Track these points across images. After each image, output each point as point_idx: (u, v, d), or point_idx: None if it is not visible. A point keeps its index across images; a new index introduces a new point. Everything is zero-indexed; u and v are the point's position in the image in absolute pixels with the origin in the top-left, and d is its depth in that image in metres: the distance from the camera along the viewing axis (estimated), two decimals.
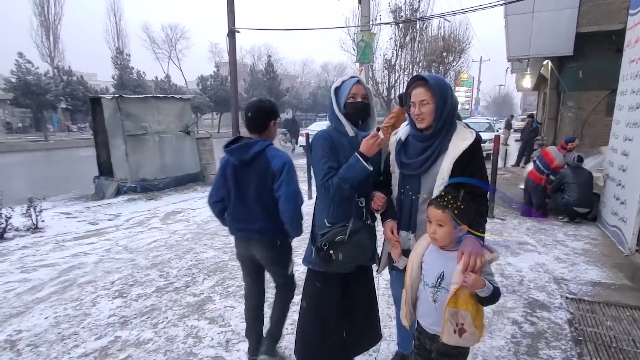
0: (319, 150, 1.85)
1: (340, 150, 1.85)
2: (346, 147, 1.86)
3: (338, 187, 1.77)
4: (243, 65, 41.95)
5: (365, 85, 1.90)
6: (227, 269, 3.81)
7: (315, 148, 1.88)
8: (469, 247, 1.52)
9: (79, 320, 2.88)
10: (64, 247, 4.56)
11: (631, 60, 4.44)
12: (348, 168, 1.77)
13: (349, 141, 1.88)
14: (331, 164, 1.81)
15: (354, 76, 1.90)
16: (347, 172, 1.76)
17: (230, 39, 7.62)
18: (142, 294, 3.29)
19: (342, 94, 1.86)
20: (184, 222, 5.60)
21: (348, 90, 1.84)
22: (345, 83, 1.88)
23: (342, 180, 1.76)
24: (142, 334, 2.69)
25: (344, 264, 1.83)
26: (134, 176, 7.29)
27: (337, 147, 1.85)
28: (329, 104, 1.91)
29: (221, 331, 2.71)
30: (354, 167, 1.75)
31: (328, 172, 1.80)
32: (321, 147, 1.84)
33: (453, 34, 17.28)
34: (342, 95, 1.86)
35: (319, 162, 1.83)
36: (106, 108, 7.26)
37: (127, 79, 29.51)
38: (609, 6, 8.55)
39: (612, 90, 8.94)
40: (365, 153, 1.75)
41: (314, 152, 1.88)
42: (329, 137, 1.87)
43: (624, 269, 3.68)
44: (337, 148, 1.85)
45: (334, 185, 1.77)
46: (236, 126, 8.03)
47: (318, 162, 1.84)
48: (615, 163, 4.66)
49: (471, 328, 1.54)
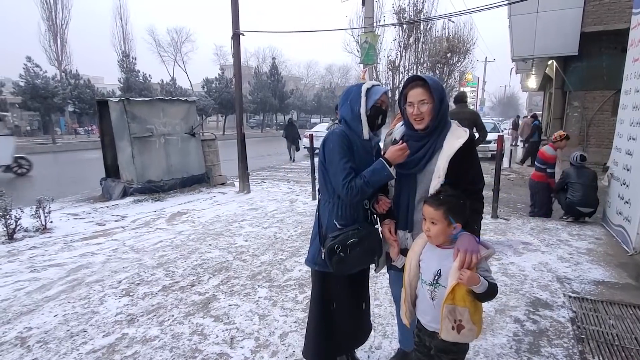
0: (338, 149, 1.80)
1: (355, 151, 1.84)
2: (360, 149, 1.86)
3: (361, 190, 1.75)
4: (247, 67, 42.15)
5: (389, 94, 1.95)
6: (232, 268, 3.86)
7: (333, 146, 1.82)
8: (465, 244, 1.54)
9: (87, 318, 2.94)
10: (72, 247, 4.64)
11: (635, 60, 4.43)
12: (374, 172, 1.76)
13: (362, 144, 1.87)
14: (351, 163, 1.80)
15: (385, 87, 1.96)
16: (373, 176, 1.76)
17: (235, 42, 7.68)
18: (149, 293, 3.34)
19: (372, 97, 1.85)
20: (189, 222, 5.66)
21: (379, 95, 1.84)
22: (376, 87, 1.87)
23: (367, 184, 1.75)
24: (149, 331, 2.73)
25: (353, 267, 1.86)
26: (140, 178, 7.36)
27: (353, 148, 1.84)
28: (349, 102, 1.87)
29: (226, 329, 2.75)
30: (381, 172, 1.75)
31: (350, 172, 1.77)
32: (340, 146, 1.80)
33: (457, 34, 17.26)
34: (372, 97, 1.85)
35: (340, 161, 1.78)
36: (113, 110, 7.35)
37: (133, 82, 29.77)
38: (614, 5, 8.52)
39: (617, 89, 8.90)
40: (390, 160, 1.75)
41: (332, 150, 1.82)
42: (345, 137, 1.84)
43: (628, 268, 3.67)
44: (353, 148, 1.84)
45: (358, 187, 1.75)
46: (241, 128, 8.07)
47: (339, 161, 1.79)
48: (619, 162, 4.64)
49: (469, 324, 1.55)
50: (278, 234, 4.99)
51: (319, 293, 2.00)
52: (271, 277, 3.63)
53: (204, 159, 8.56)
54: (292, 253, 4.26)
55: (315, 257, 1.95)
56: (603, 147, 9.16)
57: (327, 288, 1.97)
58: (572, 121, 10.04)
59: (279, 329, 2.73)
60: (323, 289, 1.99)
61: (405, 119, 1.85)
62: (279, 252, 4.29)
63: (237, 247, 4.50)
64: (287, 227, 5.26)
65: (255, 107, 37.03)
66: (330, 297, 1.98)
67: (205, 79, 33.13)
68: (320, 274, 1.97)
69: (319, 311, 2.01)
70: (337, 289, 1.95)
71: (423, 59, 16.24)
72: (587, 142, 9.63)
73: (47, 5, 30.38)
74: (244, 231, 5.13)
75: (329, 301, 1.98)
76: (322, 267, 1.92)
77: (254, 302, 3.15)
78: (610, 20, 8.63)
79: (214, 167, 8.82)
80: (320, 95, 47.74)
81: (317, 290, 2.02)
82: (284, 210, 6.26)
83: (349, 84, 3.38)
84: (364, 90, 1.85)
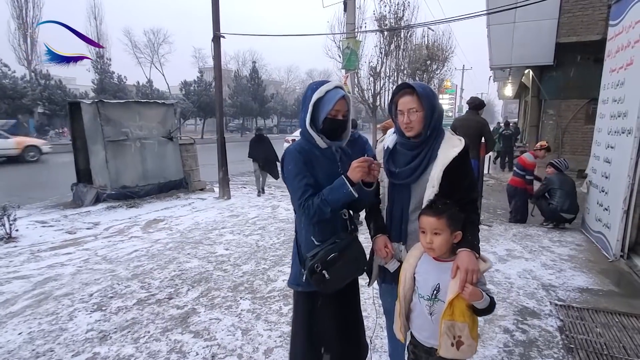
0: (292, 167, 1.69)
1: (315, 164, 1.72)
2: (320, 159, 1.73)
3: (319, 209, 1.62)
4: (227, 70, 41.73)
5: (348, 98, 1.74)
6: (212, 279, 3.69)
7: (287, 163, 1.72)
8: (465, 262, 1.48)
9: (55, 336, 2.72)
10: (39, 257, 4.35)
11: (612, 70, 4.55)
12: (332, 190, 1.62)
13: (322, 153, 1.74)
14: (307, 180, 1.67)
15: (339, 86, 1.73)
16: (331, 194, 1.62)
17: (215, 44, 7.52)
18: (122, 307, 3.14)
19: (324, 107, 1.68)
20: (167, 230, 5.43)
21: (332, 105, 1.65)
22: (329, 94, 1.68)
23: (324, 202, 1.61)
24: (122, 350, 2.55)
25: (340, 282, 1.73)
26: (114, 183, 7.07)
27: (311, 160, 1.71)
28: (302, 110, 1.73)
29: (206, 345, 2.59)
30: (339, 190, 1.60)
31: (306, 190, 1.65)
32: (294, 163, 1.69)
33: (437, 42, 17.59)
34: (324, 108, 1.68)
35: (294, 180, 1.67)
36: (85, 113, 7.04)
37: (107, 83, 28.93)
38: (587, 17, 8.83)
39: (590, 99, 9.24)
40: (352, 178, 1.59)
41: (286, 170, 1.72)
42: (302, 150, 1.71)
43: (610, 274, 3.72)
44: (311, 161, 1.71)
45: (314, 207, 1.62)
46: (221, 132, 7.88)
47: (293, 179, 1.68)
48: (598, 170, 4.74)
49: (468, 340, 1.51)
50: (260, 241, 4.84)
51: (306, 316, 1.86)
52: (254, 288, 3.48)
53: (182, 163, 8.32)
54: (275, 262, 4.12)
55: (297, 278, 1.81)
56: (577, 154, 9.45)
57: (312, 309, 1.83)
58: (547, 129, 10.33)
59: (263, 345, 2.60)
60: (307, 310, 1.84)
61: (397, 126, 1.77)
62: (262, 261, 4.14)
63: (218, 256, 4.33)
64: (269, 235, 5.12)
65: (235, 110, 36.63)
66: (316, 319, 1.84)
67: (184, 82, 32.55)
68: (305, 295, 1.83)
69: (304, 333, 1.87)
70: (323, 309, 1.82)
71: (403, 65, 16.44)
72: (561, 149, 9.91)
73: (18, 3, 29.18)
74: (224, 239, 4.96)
75: (314, 324, 1.84)
76: (305, 287, 1.78)
77: (236, 315, 3.00)
78: (583, 31, 8.94)
79: (193, 172, 8.59)
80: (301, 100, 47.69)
81: (301, 312, 1.87)
82: (265, 217, 6.11)
83: None
84: (313, 101, 1.67)
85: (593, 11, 8.75)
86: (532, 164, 5.58)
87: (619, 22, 4.40)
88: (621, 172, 3.94)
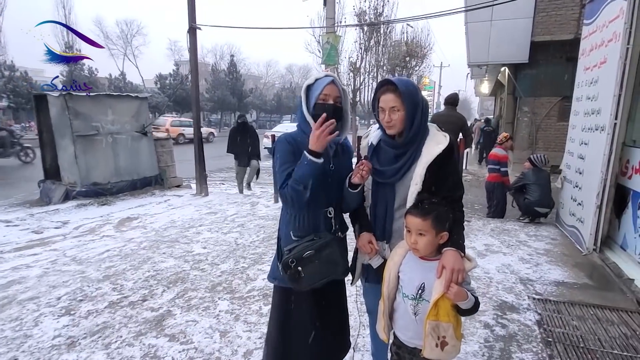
0: (279, 155, 1.70)
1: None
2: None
3: (292, 190, 1.59)
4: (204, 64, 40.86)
5: (340, 86, 1.73)
6: (189, 279, 3.56)
7: (276, 154, 1.71)
8: (450, 262, 1.46)
9: (19, 343, 2.55)
10: (3, 259, 4.10)
11: (586, 68, 4.65)
12: (298, 167, 1.60)
13: None
14: (290, 170, 1.65)
15: (330, 75, 1.73)
16: (298, 171, 1.59)
17: (191, 36, 7.28)
18: (93, 311, 2.98)
19: (314, 93, 1.69)
20: (141, 229, 5.24)
21: (320, 89, 1.67)
22: (318, 81, 1.70)
23: (295, 181, 1.58)
24: (93, 356, 2.41)
25: (314, 281, 1.67)
26: (84, 180, 6.76)
27: (300, 150, 1.66)
28: (298, 102, 1.75)
29: (182, 349, 2.49)
30: (302, 164, 1.58)
31: (286, 179, 1.63)
32: (283, 152, 1.69)
33: (415, 39, 17.76)
34: (313, 94, 1.69)
35: (279, 169, 1.68)
36: (53, 106, 6.68)
37: (77, 75, 27.78)
38: (560, 17, 9.07)
39: (563, 96, 9.52)
40: (313, 149, 1.56)
41: (275, 158, 1.72)
42: (292, 141, 1.70)
43: (584, 268, 3.82)
44: (300, 151, 1.66)
45: (289, 189, 1.60)
46: (198, 126, 7.67)
47: (278, 167, 1.68)
48: (572, 165, 4.86)
49: (453, 340, 1.49)
50: (239, 239, 4.73)
51: (281, 312, 1.81)
52: (232, 288, 3.38)
53: (157, 159, 8.04)
54: (255, 260, 4.03)
55: (275, 271, 1.78)
56: (550, 150, 9.71)
57: (288, 306, 1.78)
58: (522, 125, 10.59)
59: (243, 347, 2.51)
60: (283, 306, 1.80)
61: (380, 123, 1.72)
62: (241, 260, 4.04)
63: (195, 255, 4.20)
64: (248, 232, 5.01)
65: (212, 105, 35.98)
66: (291, 316, 1.78)
67: (159, 75, 31.71)
68: (282, 290, 1.79)
69: (277, 331, 1.81)
70: (298, 308, 1.77)
71: (383, 61, 16.52)
72: (535, 146, 10.18)
73: None
74: (201, 237, 4.82)
75: (289, 320, 1.79)
76: (282, 282, 1.74)
77: (214, 316, 2.89)
78: (556, 31, 9.18)
79: (169, 168, 8.32)
80: (281, 95, 47.30)
81: (277, 308, 1.83)
82: (244, 214, 5.99)
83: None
84: (304, 88, 1.73)
85: (566, 11, 8.99)
86: (504, 155, 5.78)
87: (593, 21, 4.50)
88: (594, 168, 4.04)
